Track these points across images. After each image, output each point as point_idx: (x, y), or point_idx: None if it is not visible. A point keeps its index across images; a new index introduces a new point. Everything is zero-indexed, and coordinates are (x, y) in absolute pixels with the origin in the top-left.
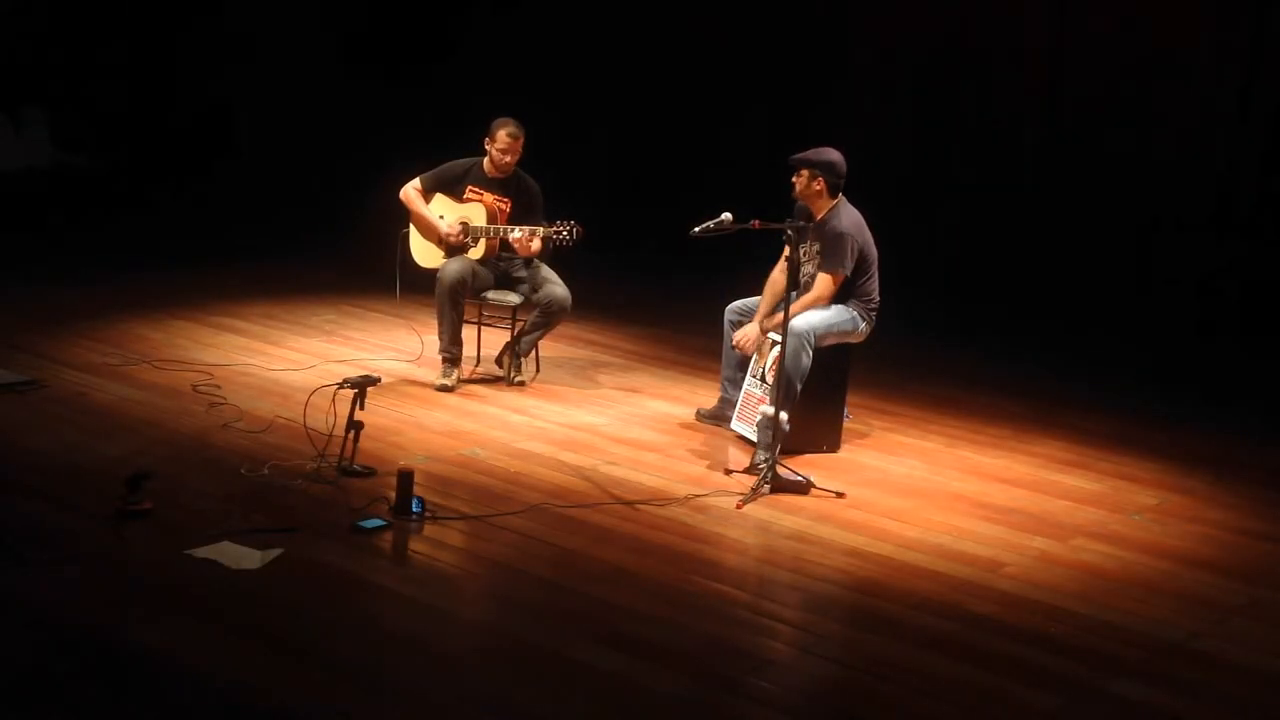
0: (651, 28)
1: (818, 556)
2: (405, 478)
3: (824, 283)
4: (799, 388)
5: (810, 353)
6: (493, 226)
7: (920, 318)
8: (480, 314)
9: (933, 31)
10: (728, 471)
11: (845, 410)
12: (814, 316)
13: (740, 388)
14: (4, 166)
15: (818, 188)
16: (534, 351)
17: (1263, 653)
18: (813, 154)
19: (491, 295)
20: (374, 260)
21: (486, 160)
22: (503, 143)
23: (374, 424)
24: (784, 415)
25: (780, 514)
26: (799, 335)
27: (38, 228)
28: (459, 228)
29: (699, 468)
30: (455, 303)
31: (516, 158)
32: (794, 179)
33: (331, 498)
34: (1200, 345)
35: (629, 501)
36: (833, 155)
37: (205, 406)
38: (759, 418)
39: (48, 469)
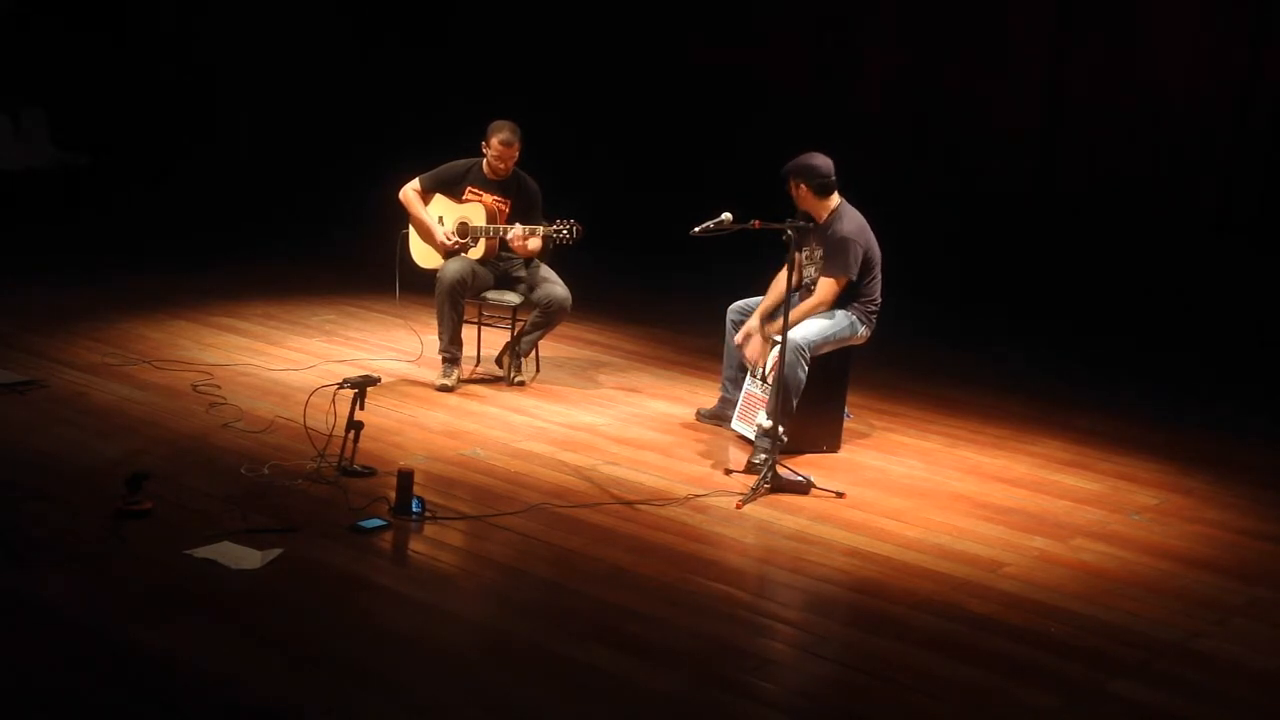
0: (653, 24)
1: (818, 556)
2: (405, 478)
3: (826, 287)
4: (795, 402)
5: (806, 366)
6: (492, 226)
7: (921, 318)
8: (480, 314)
9: (935, 31)
10: (728, 471)
11: (845, 410)
12: (810, 328)
13: (741, 387)
14: (4, 166)
15: (804, 193)
16: (534, 351)
17: (1263, 653)
18: (794, 161)
19: (491, 295)
20: (374, 260)
21: (485, 162)
22: (496, 149)
23: (374, 424)
24: (781, 428)
25: (780, 514)
26: (795, 348)
27: (38, 228)
28: (455, 238)
29: (699, 468)
30: (455, 303)
31: (512, 163)
32: (788, 190)
33: (331, 498)
34: (1200, 345)
35: (629, 501)
36: (813, 159)
37: (205, 406)
38: (755, 429)
39: (48, 469)
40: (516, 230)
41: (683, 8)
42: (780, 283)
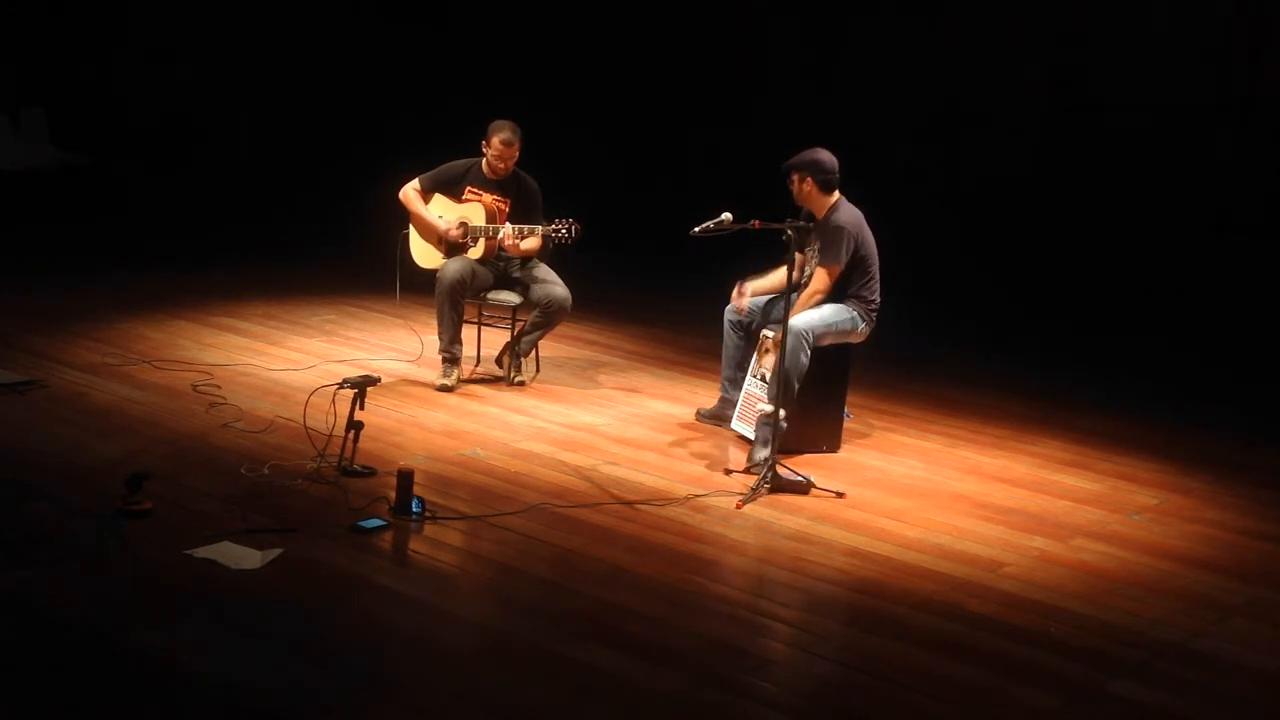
0: (653, 23)
1: (818, 556)
2: (405, 478)
3: (820, 277)
4: (797, 387)
5: (808, 351)
6: (491, 226)
7: (920, 318)
8: (480, 314)
9: (936, 28)
10: (728, 471)
11: (845, 410)
12: (813, 315)
13: (740, 388)
14: (4, 166)
15: (808, 188)
16: (534, 351)
17: (1263, 653)
18: (799, 156)
19: (491, 295)
20: (374, 261)
21: (484, 161)
22: (496, 149)
23: (374, 424)
24: (782, 413)
25: (780, 514)
26: (797, 334)
27: (38, 228)
28: (460, 227)
29: (699, 468)
30: (455, 303)
31: (512, 163)
32: (789, 185)
33: (331, 498)
34: (1200, 345)
35: (629, 501)
36: (819, 154)
37: (205, 406)
38: (758, 414)
39: (48, 469)
40: (507, 229)
41: (682, 6)
42: (780, 275)
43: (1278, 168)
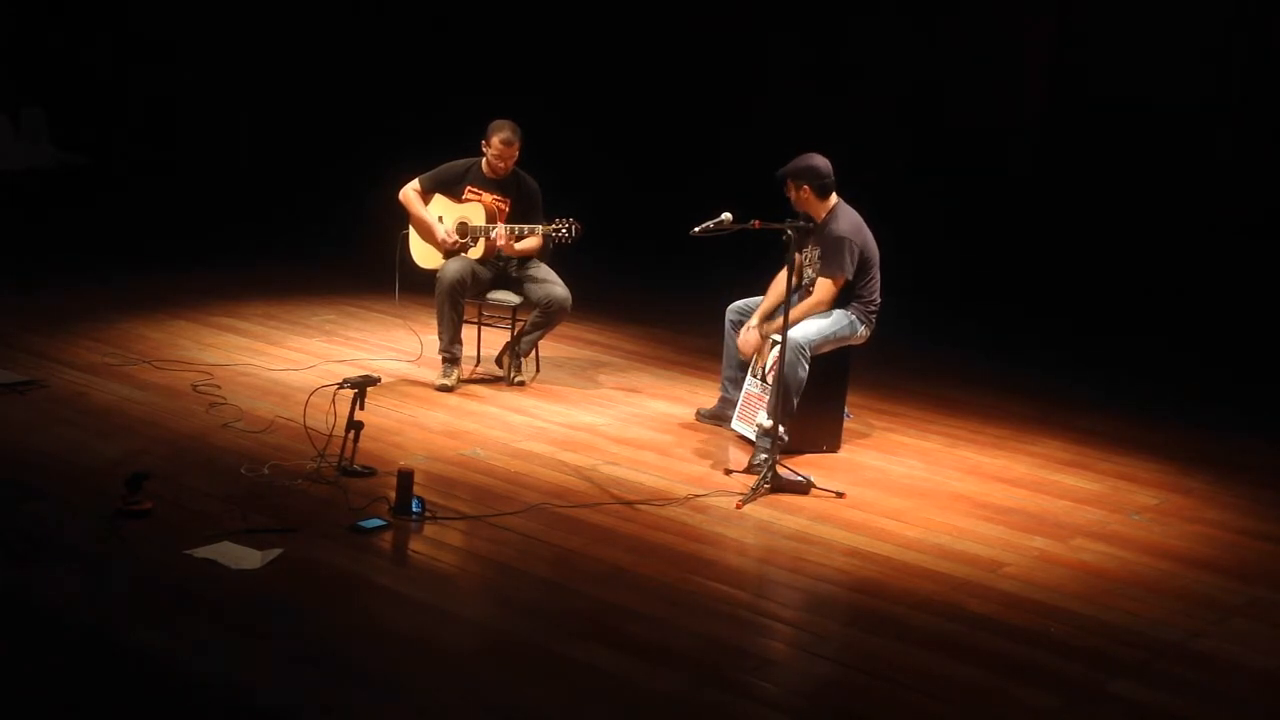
0: (653, 23)
1: (818, 556)
2: (405, 478)
3: (824, 287)
4: (795, 401)
5: (806, 365)
6: (491, 226)
7: (921, 318)
8: (480, 314)
9: (935, 24)
10: (728, 471)
11: (845, 410)
12: (810, 327)
13: (741, 387)
14: (4, 166)
15: (805, 195)
16: (534, 351)
17: (1263, 653)
18: (793, 164)
19: (491, 295)
20: (374, 261)
21: (484, 161)
22: (496, 149)
23: (374, 424)
24: (781, 428)
25: (780, 514)
26: (795, 348)
27: (38, 228)
28: (455, 236)
29: (699, 468)
30: (455, 303)
31: (512, 163)
32: (786, 192)
33: (331, 498)
34: (1201, 345)
35: (629, 501)
36: (813, 160)
37: (205, 406)
38: (756, 429)
39: (48, 469)
40: (500, 230)
41: (682, 7)
42: (780, 284)
43: (1278, 168)
